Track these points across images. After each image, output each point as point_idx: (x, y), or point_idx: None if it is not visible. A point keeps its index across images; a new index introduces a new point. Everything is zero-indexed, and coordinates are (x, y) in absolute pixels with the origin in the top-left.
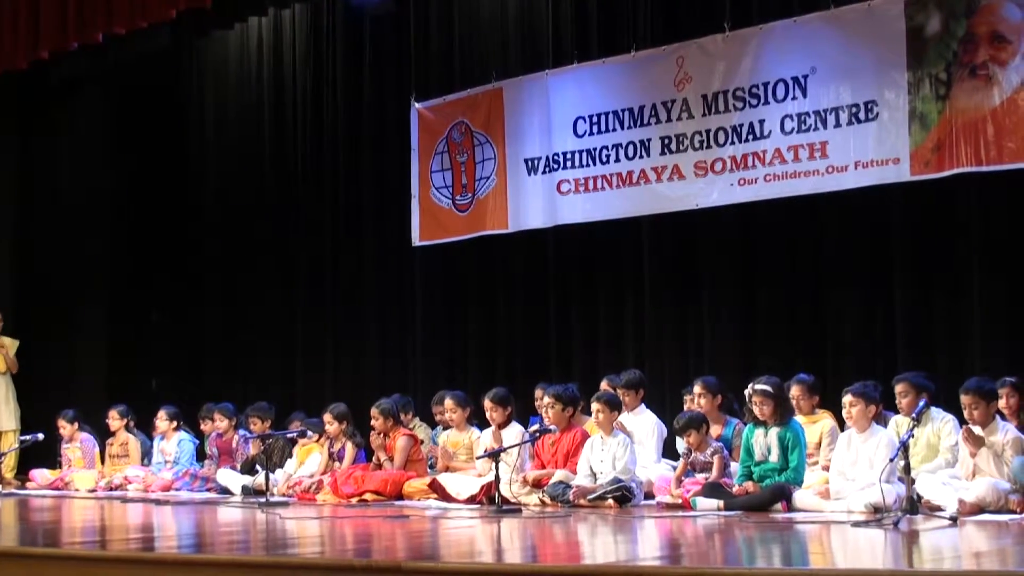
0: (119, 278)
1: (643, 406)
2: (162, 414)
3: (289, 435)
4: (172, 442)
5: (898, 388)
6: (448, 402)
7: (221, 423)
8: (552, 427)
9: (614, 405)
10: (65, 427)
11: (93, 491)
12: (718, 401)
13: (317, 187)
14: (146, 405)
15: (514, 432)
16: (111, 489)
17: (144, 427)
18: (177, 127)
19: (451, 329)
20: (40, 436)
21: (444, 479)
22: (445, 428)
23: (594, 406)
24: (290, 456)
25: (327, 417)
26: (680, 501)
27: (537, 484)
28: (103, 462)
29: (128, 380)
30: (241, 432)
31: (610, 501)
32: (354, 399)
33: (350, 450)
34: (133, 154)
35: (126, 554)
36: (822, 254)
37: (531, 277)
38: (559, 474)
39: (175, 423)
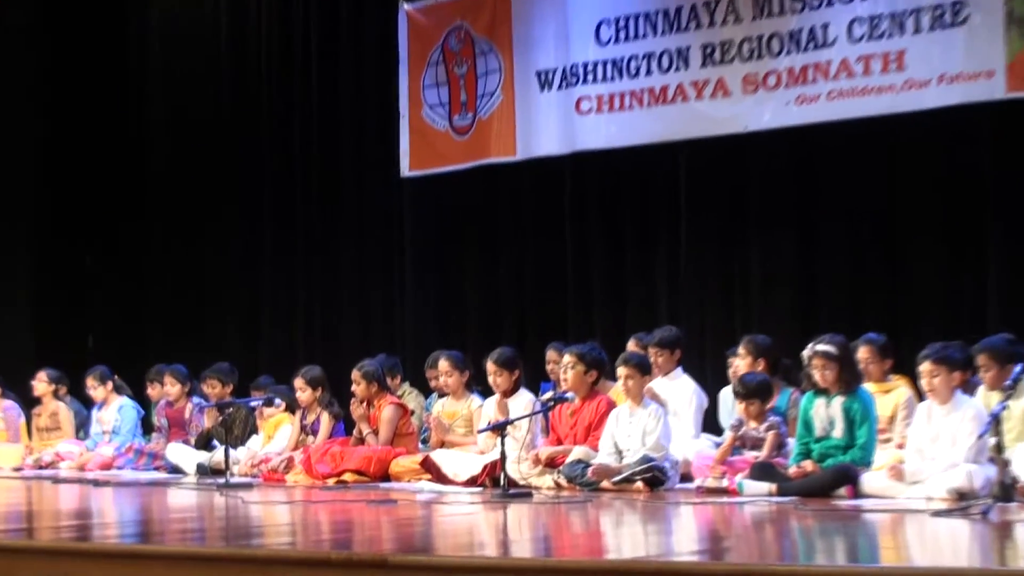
0: (47, 219)
1: (679, 370)
2: (91, 379)
3: (253, 403)
4: (111, 409)
5: (980, 360)
6: (443, 364)
7: (172, 388)
8: (570, 394)
9: (644, 369)
10: None
11: (18, 469)
12: (760, 365)
13: (286, 108)
14: (82, 368)
15: (523, 401)
16: (40, 467)
17: (80, 394)
18: (117, 43)
19: (447, 277)
20: None
21: (439, 457)
22: (440, 395)
23: (620, 370)
24: (254, 429)
25: (298, 382)
26: (724, 484)
27: (551, 463)
28: (30, 435)
29: (60, 338)
30: (195, 400)
31: (639, 484)
32: (331, 361)
33: (326, 422)
34: (65, 77)
35: (58, 544)
36: (897, 188)
37: (544, 215)
38: (577, 451)
39: (110, 385)
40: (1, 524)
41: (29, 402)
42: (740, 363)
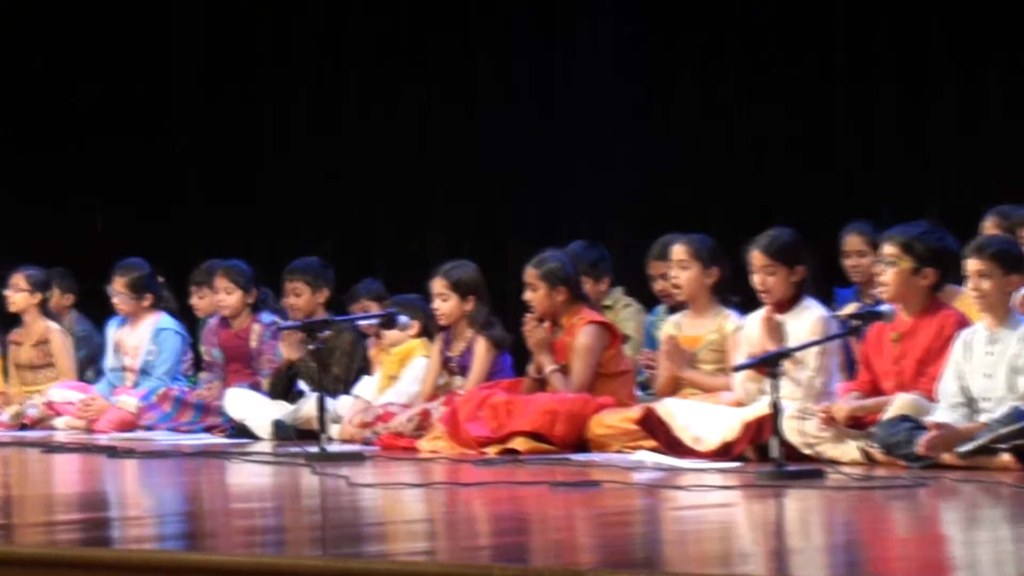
0: (21, 49)
1: None
2: (119, 282)
3: (362, 321)
4: (142, 330)
5: None
6: (679, 252)
7: (228, 297)
8: (888, 307)
9: (1013, 262)
10: None
11: None
12: None
13: None
14: (87, 265)
15: (809, 318)
16: (22, 426)
17: (87, 307)
18: None
19: (675, 110)
20: None
21: (670, 410)
22: (672, 309)
23: (971, 265)
24: (366, 366)
25: (438, 286)
26: None
27: (856, 422)
28: (6, 375)
29: (53, 218)
30: (267, 317)
31: (1005, 456)
32: (485, 253)
33: (483, 353)
34: None
35: (52, 551)
36: None
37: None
38: (902, 402)
39: (149, 296)
40: None
41: (5, 322)
42: None
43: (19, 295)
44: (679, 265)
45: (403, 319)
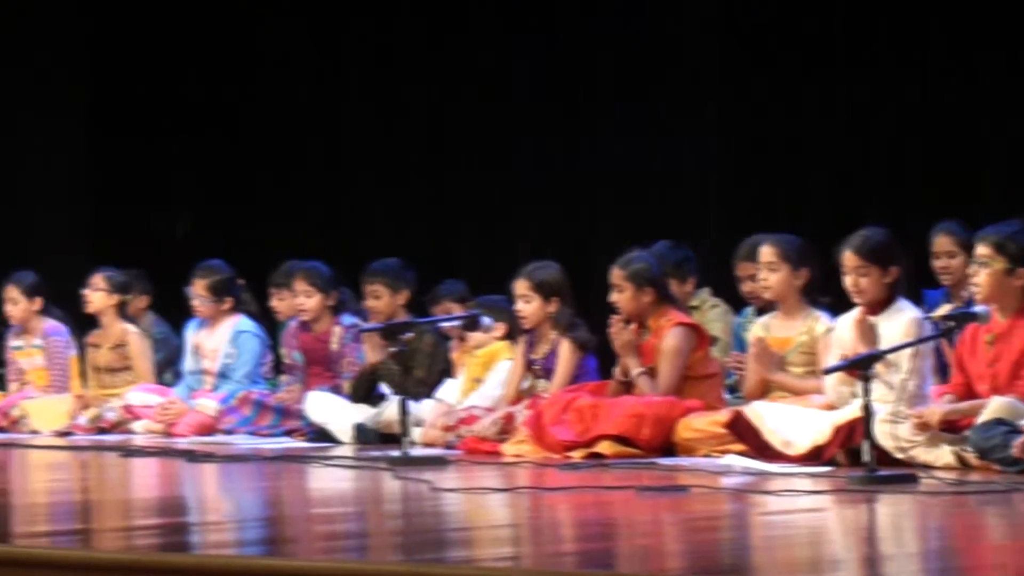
0: (104, 46)
1: None
2: (200, 284)
3: (445, 323)
4: (220, 333)
5: None
6: (767, 252)
7: (308, 300)
8: (982, 308)
9: None
10: (18, 302)
11: (66, 434)
12: None
13: None
14: (167, 269)
15: (902, 320)
16: (100, 430)
17: (164, 309)
18: None
19: (769, 100)
20: None
21: (760, 413)
22: (760, 311)
23: None
24: (448, 369)
25: (521, 288)
26: None
27: (951, 426)
28: (84, 378)
29: (132, 221)
30: (348, 320)
31: None
32: (570, 253)
33: (567, 355)
34: None
35: (131, 557)
36: None
37: None
38: (997, 405)
39: (229, 299)
40: (42, 524)
41: (83, 324)
42: None
43: (97, 294)
44: (768, 267)
45: (486, 321)
